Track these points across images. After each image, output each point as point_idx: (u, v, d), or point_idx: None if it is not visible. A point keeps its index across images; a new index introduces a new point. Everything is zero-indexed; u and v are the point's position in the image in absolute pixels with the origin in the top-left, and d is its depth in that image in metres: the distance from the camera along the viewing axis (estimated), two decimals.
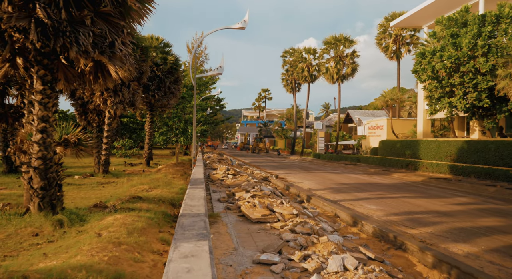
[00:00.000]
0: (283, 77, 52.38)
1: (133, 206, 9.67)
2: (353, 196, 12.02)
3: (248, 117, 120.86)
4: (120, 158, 34.08)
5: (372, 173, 22.26)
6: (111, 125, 19.38)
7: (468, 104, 16.67)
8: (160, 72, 24.43)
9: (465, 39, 16.20)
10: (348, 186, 15.01)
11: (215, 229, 6.87)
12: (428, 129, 25.26)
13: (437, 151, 20.47)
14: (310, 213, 8.36)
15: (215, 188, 12.65)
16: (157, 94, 24.21)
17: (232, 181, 13.37)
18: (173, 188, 13.96)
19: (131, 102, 19.54)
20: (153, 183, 15.04)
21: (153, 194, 12.20)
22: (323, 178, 18.52)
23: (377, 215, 8.79)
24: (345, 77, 36.67)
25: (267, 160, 36.60)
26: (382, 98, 26.68)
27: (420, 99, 25.25)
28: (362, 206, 10.08)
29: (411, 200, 11.19)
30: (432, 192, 13.40)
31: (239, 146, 78.58)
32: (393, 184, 15.99)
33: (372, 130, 32.82)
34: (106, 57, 7.49)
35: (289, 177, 18.66)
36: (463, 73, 16.58)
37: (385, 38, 34.75)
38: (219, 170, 17.38)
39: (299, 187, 13.90)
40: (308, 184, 15.65)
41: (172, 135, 30.66)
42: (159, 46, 25.39)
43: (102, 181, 16.81)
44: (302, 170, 23.42)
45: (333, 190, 13.53)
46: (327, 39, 36.55)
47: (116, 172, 21.17)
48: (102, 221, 7.75)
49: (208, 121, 42.67)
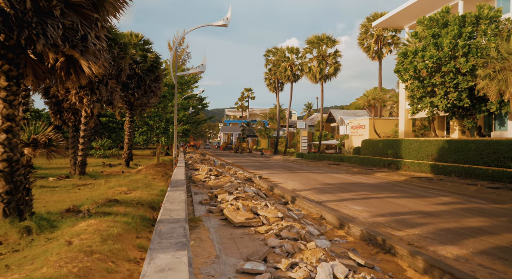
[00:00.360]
0: (266, 76, 52.18)
1: (109, 210, 9.17)
2: (338, 197, 11.85)
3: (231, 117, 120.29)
4: (98, 158, 33.07)
5: (355, 172, 22.27)
6: (88, 124, 18.64)
7: (449, 104, 16.83)
8: (140, 70, 23.72)
9: (446, 40, 16.34)
10: (332, 186, 14.86)
11: (196, 234, 6.49)
12: (410, 128, 25.54)
13: (418, 151, 20.65)
14: (295, 215, 8.09)
15: (196, 190, 12.23)
16: (137, 93, 23.50)
17: (214, 182, 12.98)
18: (153, 189, 13.47)
19: (109, 101, 18.84)
20: (132, 184, 14.49)
21: (132, 197, 11.70)
22: (307, 178, 18.34)
23: (363, 216, 8.60)
24: (327, 76, 36.76)
25: (250, 160, 36.29)
26: (365, 97, 26.81)
27: (402, 99, 25.48)
28: (347, 207, 9.90)
29: (396, 200, 11.10)
30: (415, 191, 13.40)
31: (222, 145, 77.97)
32: (376, 184, 15.95)
33: (354, 129, 33.00)
34: (78, 52, 6.98)
35: (273, 178, 18.40)
36: (444, 73, 16.73)
37: (367, 38, 35.03)
38: (201, 170, 16.95)
39: (283, 188, 13.65)
40: (292, 184, 15.43)
41: (153, 135, 29.92)
42: (138, 43, 24.70)
43: (78, 183, 16.13)
44: (285, 170, 23.22)
45: (317, 191, 13.34)
46: (310, 39, 36.54)
47: (93, 173, 20.42)
48: (74, 228, 7.25)
49: (190, 120, 41.98)
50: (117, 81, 19.41)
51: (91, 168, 23.21)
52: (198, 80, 50.11)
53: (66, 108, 19.23)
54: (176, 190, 8.87)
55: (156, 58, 24.67)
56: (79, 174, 18.45)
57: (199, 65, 18.40)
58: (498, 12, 16.12)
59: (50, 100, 19.61)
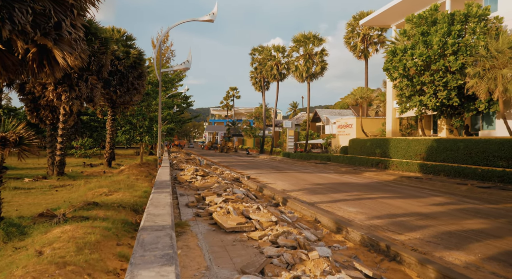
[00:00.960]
0: (252, 75, 51.65)
1: (87, 214, 8.49)
2: (330, 198, 11.44)
3: (216, 116, 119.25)
4: (79, 158, 31.88)
5: (343, 172, 22.02)
6: (66, 122, 17.72)
7: (438, 103, 16.70)
8: (122, 66, 22.81)
9: (436, 38, 16.19)
10: (322, 186, 14.48)
11: (183, 241, 5.92)
12: (397, 127, 25.50)
13: (407, 150, 20.53)
14: (289, 218, 7.61)
15: (182, 191, 11.62)
16: (119, 90, 22.60)
17: (201, 183, 12.38)
18: (136, 191, 12.79)
19: (90, 98, 17.96)
20: (113, 185, 13.75)
21: (113, 199, 11.00)
22: (296, 178, 17.93)
23: (359, 219, 8.19)
24: (314, 75, 36.50)
25: (236, 160, 35.72)
26: (352, 96, 26.62)
27: (389, 97, 25.41)
28: (341, 208, 9.49)
29: (389, 201, 10.77)
30: (407, 191, 13.14)
31: (207, 145, 77.04)
32: (366, 184, 15.66)
33: (341, 128, 32.85)
34: (51, 41, 6.30)
35: (261, 178, 17.91)
36: (434, 72, 16.59)
37: (353, 37, 34.95)
38: (187, 170, 16.31)
39: (272, 188, 13.16)
40: (281, 184, 14.97)
41: (136, 134, 28.99)
42: (121, 39, 23.77)
43: (55, 184, 15.28)
44: (273, 170, 22.77)
45: (308, 191, 12.91)
46: (296, 37, 36.21)
47: (73, 174, 19.52)
48: (47, 235, 6.58)
49: (174, 119, 41.06)
50: (98, 77, 18.55)
51: (71, 168, 22.24)
52: (182, 78, 49.19)
53: (43, 105, 18.24)
54: (161, 192, 8.26)
55: (139, 54, 23.80)
56: (57, 174, 17.54)
57: (184, 61, 17.72)
58: (486, 11, 16.08)
59: (26, 96, 18.59)
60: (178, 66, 17.61)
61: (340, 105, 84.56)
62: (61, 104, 17.07)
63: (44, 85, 16.98)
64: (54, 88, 16.69)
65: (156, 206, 6.38)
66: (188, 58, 18.14)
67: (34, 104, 18.63)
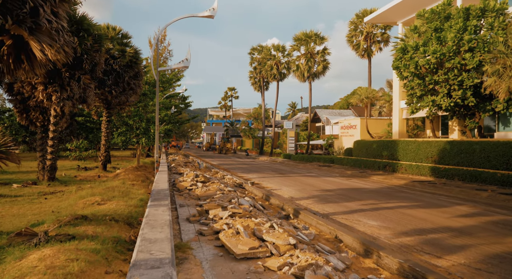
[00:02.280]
0: (251, 75, 50.65)
1: (74, 231, 7.45)
2: (344, 207, 10.43)
3: (214, 117, 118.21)
4: (74, 161, 30.76)
5: (349, 175, 21.03)
6: (57, 124, 16.64)
7: (452, 103, 15.73)
8: (117, 66, 21.72)
9: (450, 34, 15.22)
10: (332, 193, 13.46)
11: (185, 273, 4.89)
12: (404, 129, 24.53)
13: (416, 152, 19.56)
14: (306, 236, 6.59)
15: (182, 201, 10.57)
16: (115, 90, 21.52)
17: (202, 191, 11.34)
18: (132, 199, 11.75)
19: (82, 99, 16.88)
20: (107, 193, 12.70)
21: (106, 209, 9.97)
22: (301, 183, 16.92)
23: (385, 235, 7.19)
24: (316, 75, 35.52)
25: (236, 162, 34.68)
26: (357, 96, 25.65)
27: (396, 97, 24.45)
28: (360, 221, 8.48)
29: (410, 211, 9.77)
30: (425, 199, 12.15)
31: (205, 146, 75.89)
32: (378, 190, 14.67)
33: (345, 129, 31.87)
34: (26, 30, 5.26)
35: (265, 183, 16.89)
36: (448, 70, 15.62)
37: (356, 36, 33.99)
38: (187, 176, 15.25)
39: (280, 196, 12.13)
40: (287, 191, 13.95)
41: (133, 136, 27.88)
42: (116, 37, 22.67)
43: (45, 191, 14.22)
44: (276, 174, 21.75)
45: (318, 199, 11.89)
46: (298, 36, 35.21)
47: (66, 178, 18.46)
48: (21, 262, 5.51)
49: (172, 120, 39.95)
50: (92, 76, 17.47)
51: (64, 172, 21.17)
52: (180, 78, 48.13)
53: (33, 106, 17.15)
54: (159, 205, 7.24)
55: (135, 53, 22.74)
56: (48, 180, 16.48)
57: (183, 59, 16.66)
58: (504, 4, 15.13)
59: (15, 97, 17.50)
60: (176, 65, 16.55)
61: (339, 105, 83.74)
62: (52, 105, 16.00)
63: (33, 85, 15.89)
64: (44, 88, 15.62)
65: (152, 226, 5.36)
66: (187, 56, 17.08)
67: (23, 105, 17.53)
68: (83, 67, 16.29)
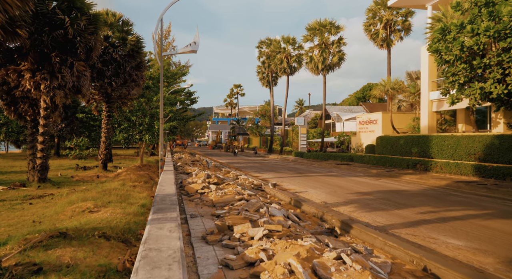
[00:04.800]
0: (259, 70, 48.44)
1: (44, 257, 5.32)
2: (399, 217, 8.20)
3: (219, 115, 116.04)
4: (74, 160, 28.81)
5: (376, 175, 18.77)
6: (48, 118, 14.58)
7: (505, 90, 13.39)
8: (118, 55, 19.62)
9: (506, 7, 12.89)
10: (371, 197, 11.23)
11: None
12: (434, 123, 22.14)
13: (455, 149, 17.24)
14: (380, 269, 4.41)
15: (193, 209, 8.41)
16: (115, 82, 19.42)
17: (217, 196, 9.17)
18: (131, 205, 9.64)
19: (76, 88, 14.80)
20: (102, 197, 10.60)
21: (97, 219, 7.83)
22: (327, 184, 14.69)
23: (492, 265, 4.97)
24: (330, 67, 33.18)
25: (245, 160, 32.51)
26: (381, 87, 23.30)
27: (424, 88, 22.08)
28: (435, 239, 6.27)
29: (489, 223, 7.53)
30: (489, 204, 9.89)
31: (211, 144, 73.81)
32: (421, 192, 12.42)
33: (363, 125, 29.52)
34: None
35: (285, 184, 14.69)
36: (502, 51, 13.28)
37: (374, 24, 31.60)
38: (196, 177, 13.08)
39: (311, 202, 9.93)
40: (316, 194, 11.73)
41: (135, 132, 25.80)
42: (116, 24, 20.56)
43: (33, 194, 12.19)
44: (294, 173, 19.52)
45: (359, 205, 9.67)
46: (311, 25, 32.88)
47: (60, 179, 16.48)
48: None
49: (177, 117, 37.88)
50: (87, 63, 15.38)
51: (60, 172, 19.19)
52: (186, 73, 46.06)
53: (21, 97, 15.09)
54: (164, 220, 5.07)
55: (137, 41, 20.57)
56: (39, 181, 14.47)
57: (191, 42, 14.52)
58: None
59: (1, 87, 15.45)
60: (183, 49, 14.42)
61: (348, 101, 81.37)
62: (41, 96, 13.93)
63: (20, 73, 13.80)
64: (32, 75, 13.55)
65: (154, 265, 3.20)
66: (195, 39, 14.93)
67: (10, 97, 15.49)
68: (76, 52, 14.20)
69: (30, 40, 12.63)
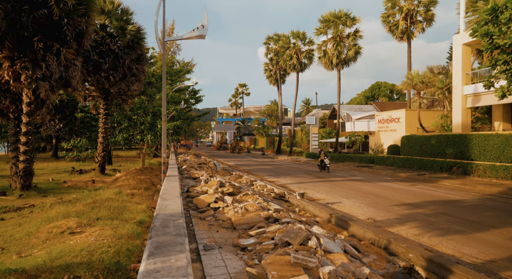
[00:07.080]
0: (266, 67, 46.24)
1: None
2: (495, 247, 5.94)
3: (224, 115, 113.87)
4: (71, 162, 26.64)
5: (406, 179, 16.49)
6: (32, 115, 12.45)
7: None
8: (116, 46, 17.47)
9: None
10: (426, 210, 8.96)
11: None
12: (468, 120, 19.78)
13: (502, 150, 14.92)
14: None
15: (207, 235, 6.19)
16: (113, 76, 17.27)
17: (238, 214, 6.94)
18: (126, 222, 7.45)
19: (65, 80, 12.65)
20: (90, 212, 8.43)
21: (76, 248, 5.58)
22: (358, 191, 12.44)
23: None
24: (345, 61, 30.90)
25: (254, 162, 30.31)
26: (409, 81, 20.98)
27: (457, 81, 19.75)
28: None
29: None
30: None
31: (216, 145, 71.68)
32: (481, 203, 10.15)
33: (383, 124, 27.18)
34: None
35: (309, 191, 12.44)
36: None
37: (393, 15, 29.28)
38: (207, 185, 10.83)
39: (358, 220, 7.70)
40: (354, 206, 9.50)
41: (136, 132, 23.67)
42: (114, 12, 18.33)
43: (10, 206, 10.12)
44: (312, 177, 17.26)
45: (421, 225, 7.41)
46: (325, 17, 30.61)
47: (50, 185, 14.42)
48: None
49: (182, 116, 35.74)
50: (79, 52, 13.26)
51: (52, 176, 17.10)
52: (190, 70, 43.92)
53: (0, 90, 12.96)
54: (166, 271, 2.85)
55: (138, 31, 18.35)
56: (22, 188, 12.33)
57: (199, 26, 12.35)
58: None
59: None
60: (189, 33, 12.25)
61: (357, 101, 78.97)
62: (22, 88, 11.82)
63: None
64: (11, 64, 11.42)
65: None
66: (204, 23, 12.73)
67: None
68: (65, 37, 12.04)
69: (6, 20, 10.49)
